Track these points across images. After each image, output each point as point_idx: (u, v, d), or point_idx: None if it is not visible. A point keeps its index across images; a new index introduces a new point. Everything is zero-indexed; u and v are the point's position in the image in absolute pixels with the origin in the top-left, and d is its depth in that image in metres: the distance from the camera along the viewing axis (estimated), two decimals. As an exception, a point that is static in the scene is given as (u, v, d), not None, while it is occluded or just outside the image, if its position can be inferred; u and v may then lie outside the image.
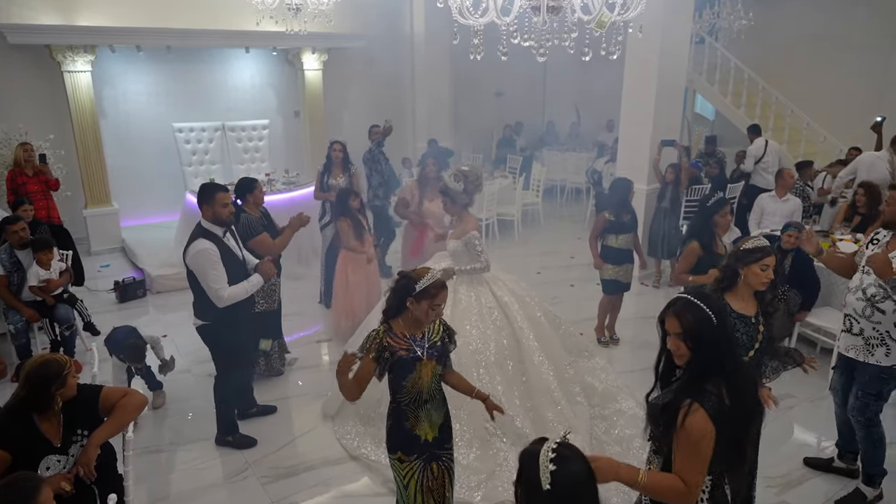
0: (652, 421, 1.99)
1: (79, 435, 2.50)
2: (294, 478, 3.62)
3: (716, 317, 1.91)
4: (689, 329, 1.91)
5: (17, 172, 6.15)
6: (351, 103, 9.71)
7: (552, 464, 1.51)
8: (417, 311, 2.42)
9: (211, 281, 3.40)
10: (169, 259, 6.89)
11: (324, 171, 5.93)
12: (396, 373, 2.46)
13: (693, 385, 1.89)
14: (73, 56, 6.98)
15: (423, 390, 2.48)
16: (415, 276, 2.44)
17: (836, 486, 3.58)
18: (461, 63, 9.31)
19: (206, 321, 3.60)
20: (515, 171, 9.78)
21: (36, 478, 2.02)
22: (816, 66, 9.79)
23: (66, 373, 2.41)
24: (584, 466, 1.58)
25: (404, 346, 2.45)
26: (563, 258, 7.72)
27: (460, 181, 4.02)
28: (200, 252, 3.40)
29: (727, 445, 1.86)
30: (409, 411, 2.50)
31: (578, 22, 2.89)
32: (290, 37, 7.17)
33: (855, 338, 3.24)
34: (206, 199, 3.50)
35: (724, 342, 1.92)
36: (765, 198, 6.15)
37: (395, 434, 2.55)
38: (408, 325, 2.49)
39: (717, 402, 1.84)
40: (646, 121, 6.52)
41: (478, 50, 2.96)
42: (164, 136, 7.98)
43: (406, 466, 2.55)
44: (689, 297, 1.97)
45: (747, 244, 2.67)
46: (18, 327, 4.60)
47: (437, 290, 2.41)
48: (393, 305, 2.50)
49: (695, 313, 1.92)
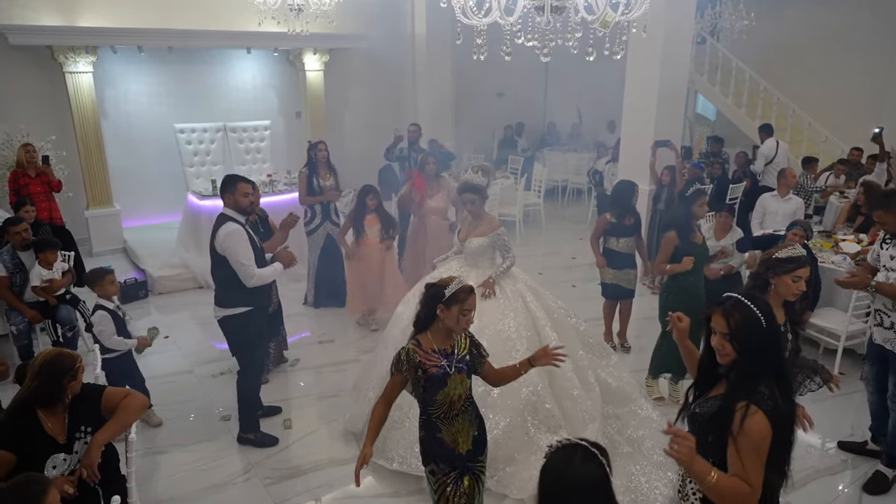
0: (699, 432, 1.95)
1: (82, 432, 2.50)
2: (297, 479, 3.62)
3: (764, 318, 1.89)
4: (736, 329, 1.90)
5: (19, 173, 6.15)
6: (352, 104, 9.71)
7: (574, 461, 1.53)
8: (448, 319, 2.41)
9: (243, 258, 3.53)
10: (170, 260, 6.90)
11: (310, 173, 5.80)
12: (428, 388, 2.44)
13: (744, 387, 1.87)
14: (74, 57, 6.98)
15: (454, 403, 2.46)
16: (441, 283, 2.43)
17: (838, 488, 3.59)
18: (463, 63, 9.33)
19: (234, 308, 3.65)
20: (517, 171, 9.79)
21: (43, 479, 2.02)
22: (818, 67, 9.78)
23: (78, 367, 2.47)
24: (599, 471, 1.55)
25: (435, 362, 2.43)
26: (564, 259, 7.71)
27: (485, 175, 4.08)
28: (232, 232, 3.53)
29: (780, 446, 1.86)
30: (442, 424, 2.49)
31: (582, 22, 2.88)
32: (291, 37, 7.17)
33: (886, 331, 3.37)
34: (227, 187, 3.64)
35: (772, 344, 1.90)
36: (767, 197, 6.14)
37: (428, 446, 2.54)
38: (437, 338, 2.47)
39: (773, 403, 1.83)
40: (647, 121, 6.52)
41: (481, 50, 2.96)
42: (166, 136, 7.98)
43: (438, 479, 2.53)
44: (739, 297, 1.94)
45: (781, 253, 2.58)
46: (21, 328, 4.59)
47: (465, 294, 2.40)
48: (423, 316, 2.49)
49: (743, 313, 1.90)
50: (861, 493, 3.55)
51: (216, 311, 3.74)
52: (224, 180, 3.72)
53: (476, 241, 3.98)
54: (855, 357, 4.89)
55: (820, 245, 5.42)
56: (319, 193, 5.77)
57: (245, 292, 3.63)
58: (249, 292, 3.64)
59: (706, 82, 10.28)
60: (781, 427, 1.85)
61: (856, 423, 4.15)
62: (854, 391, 4.54)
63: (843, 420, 4.20)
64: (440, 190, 5.72)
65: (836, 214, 6.70)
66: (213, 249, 3.61)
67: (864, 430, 3.98)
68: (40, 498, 1.84)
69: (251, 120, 8.59)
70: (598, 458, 1.55)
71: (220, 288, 3.70)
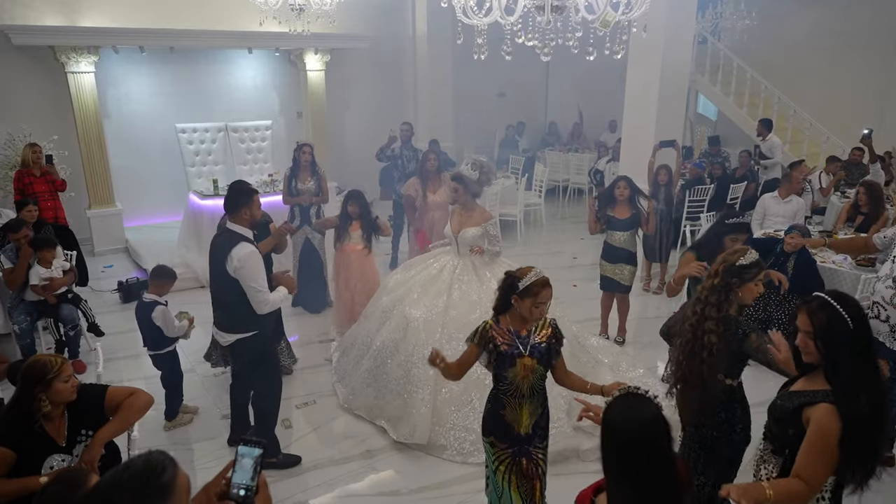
0: (778, 424, 1.98)
1: (83, 435, 2.49)
2: (298, 477, 3.62)
3: (853, 321, 1.87)
4: (820, 330, 1.89)
5: (24, 172, 6.16)
6: (353, 104, 9.72)
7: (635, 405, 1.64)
8: (522, 309, 2.53)
9: (259, 285, 3.29)
10: (171, 260, 6.89)
11: (291, 175, 5.82)
12: (498, 364, 2.59)
13: (838, 391, 1.86)
14: (76, 57, 6.99)
15: (522, 385, 2.57)
16: (518, 274, 2.55)
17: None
18: (463, 63, 9.32)
19: (246, 332, 3.43)
20: (518, 171, 9.78)
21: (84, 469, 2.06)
22: (819, 66, 9.78)
23: (52, 377, 2.35)
24: (655, 407, 1.66)
25: (507, 341, 2.56)
26: (565, 259, 7.71)
27: (476, 170, 4.14)
28: (250, 255, 3.26)
29: (862, 449, 1.86)
30: (507, 401, 2.61)
31: (582, 21, 2.89)
32: (292, 37, 7.19)
33: (882, 324, 3.35)
34: (243, 200, 3.34)
35: (858, 347, 1.88)
36: (767, 198, 6.14)
37: (490, 419, 2.68)
38: (514, 322, 2.60)
39: (853, 405, 1.82)
40: (648, 121, 6.52)
41: (481, 50, 2.97)
42: (167, 136, 8.00)
43: (496, 451, 2.67)
44: (826, 298, 1.92)
45: (743, 259, 2.51)
46: (23, 327, 4.60)
47: (539, 287, 2.50)
48: (500, 302, 2.62)
49: (829, 314, 1.88)
50: (860, 492, 3.54)
51: (223, 336, 3.51)
52: (237, 192, 3.38)
53: (470, 231, 4.12)
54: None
55: (821, 245, 5.41)
56: (297, 195, 5.78)
57: (254, 315, 3.40)
58: (259, 315, 3.42)
59: (707, 82, 10.28)
60: (866, 429, 1.84)
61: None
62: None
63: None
64: (442, 185, 5.83)
65: (837, 214, 6.69)
66: (221, 271, 3.31)
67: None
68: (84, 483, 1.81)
69: (252, 120, 8.60)
70: (650, 398, 1.68)
71: (229, 311, 3.44)
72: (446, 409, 3.80)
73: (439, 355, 2.58)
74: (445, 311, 3.97)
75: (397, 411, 3.96)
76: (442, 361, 2.57)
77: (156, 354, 4.04)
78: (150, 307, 3.93)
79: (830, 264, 4.99)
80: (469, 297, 4.02)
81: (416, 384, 3.86)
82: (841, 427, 1.80)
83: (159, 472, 1.41)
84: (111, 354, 5.12)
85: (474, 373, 3.71)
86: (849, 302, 1.92)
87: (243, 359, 3.60)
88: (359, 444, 3.90)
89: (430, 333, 3.91)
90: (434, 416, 3.80)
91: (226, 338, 3.50)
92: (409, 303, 4.12)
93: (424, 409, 3.78)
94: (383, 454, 3.80)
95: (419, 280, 4.25)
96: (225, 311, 3.48)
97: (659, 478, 1.57)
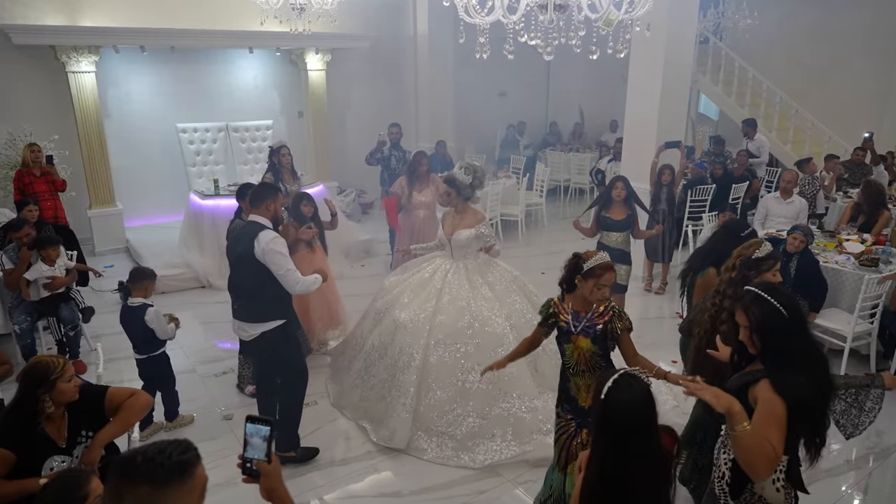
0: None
1: (83, 436, 2.48)
2: (299, 478, 3.61)
3: (786, 310, 1.94)
4: (756, 323, 1.96)
5: (24, 172, 6.16)
6: (354, 103, 9.71)
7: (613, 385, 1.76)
8: (584, 289, 2.69)
9: (289, 263, 3.36)
10: (172, 260, 6.90)
11: (276, 179, 5.82)
12: (558, 338, 2.81)
13: (774, 374, 1.92)
14: (77, 56, 6.98)
15: (580, 361, 2.74)
16: (584, 256, 2.73)
17: (841, 489, 3.58)
18: (465, 62, 9.31)
19: (271, 322, 3.44)
20: (519, 171, 9.77)
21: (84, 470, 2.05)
22: (821, 66, 9.76)
23: (55, 377, 2.36)
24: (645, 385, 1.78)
25: (565, 319, 2.77)
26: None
27: (470, 174, 4.13)
28: (274, 239, 3.33)
29: (807, 428, 1.93)
30: (570, 375, 2.79)
31: (585, 20, 2.87)
32: (293, 37, 7.18)
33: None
34: (266, 196, 3.48)
35: (795, 334, 1.94)
36: (769, 199, 6.12)
37: (561, 391, 2.88)
38: (577, 301, 2.76)
39: (793, 387, 1.87)
40: (650, 121, 6.49)
41: (484, 49, 2.95)
42: (168, 136, 7.99)
43: (561, 420, 2.85)
44: (757, 291, 2.00)
45: (758, 252, 2.69)
46: (24, 327, 4.59)
47: (602, 270, 2.65)
48: (566, 280, 2.80)
49: (762, 307, 1.95)
50: (864, 495, 3.53)
51: (245, 330, 3.47)
52: (262, 188, 3.58)
53: (464, 233, 4.12)
54: (860, 358, 4.87)
55: (823, 245, 5.40)
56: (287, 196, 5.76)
57: (280, 303, 3.43)
58: (284, 303, 3.45)
59: (709, 82, 10.26)
60: (810, 410, 1.89)
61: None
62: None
63: (847, 421, 4.18)
64: (429, 185, 6.03)
65: (840, 214, 6.68)
66: (248, 257, 3.33)
67: (869, 431, 3.94)
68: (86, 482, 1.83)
69: (253, 120, 8.59)
70: (640, 378, 1.80)
71: (252, 301, 3.43)
72: (430, 415, 3.80)
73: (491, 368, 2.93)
74: (433, 316, 3.94)
75: (379, 414, 3.96)
76: (498, 366, 2.92)
77: (148, 357, 3.91)
78: (140, 310, 3.81)
79: (833, 264, 4.96)
80: (458, 302, 3.98)
81: (399, 389, 3.85)
82: (785, 405, 1.86)
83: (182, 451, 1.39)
84: (112, 355, 5.11)
85: (458, 381, 3.78)
86: (780, 292, 1.98)
87: (269, 353, 3.56)
88: (360, 445, 3.89)
89: (416, 338, 3.89)
90: (417, 420, 3.80)
91: (250, 331, 3.46)
92: (400, 306, 4.11)
93: (405, 414, 3.77)
94: (384, 455, 3.79)
95: (411, 283, 4.24)
96: (249, 301, 3.45)
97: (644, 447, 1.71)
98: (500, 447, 3.68)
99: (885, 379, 2.87)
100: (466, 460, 3.64)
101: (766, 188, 8.30)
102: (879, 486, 3.65)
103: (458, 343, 3.85)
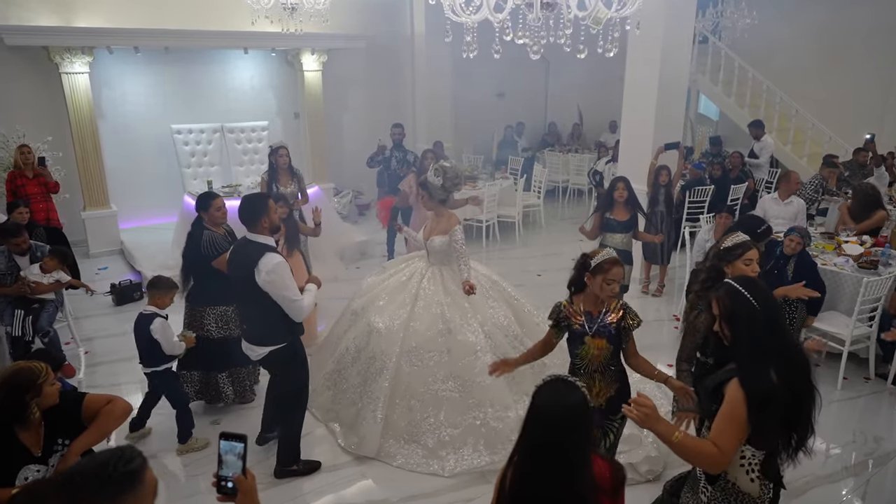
0: (706, 400, 2.11)
1: (60, 444, 2.43)
2: (289, 484, 3.56)
3: (758, 302, 1.96)
4: (727, 313, 2.02)
5: (16, 174, 6.12)
6: (351, 104, 9.66)
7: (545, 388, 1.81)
8: (594, 286, 2.70)
9: (293, 293, 3.20)
10: (166, 262, 6.83)
11: (270, 179, 5.68)
12: (570, 341, 2.83)
13: (749, 370, 1.94)
14: (70, 57, 6.94)
15: (592, 362, 2.75)
16: (591, 254, 2.77)
17: (841, 493, 3.51)
18: (462, 63, 9.24)
19: (282, 343, 3.34)
20: (517, 172, 9.70)
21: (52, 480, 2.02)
22: (821, 66, 9.69)
23: (42, 381, 2.33)
24: (580, 393, 1.80)
25: (578, 321, 2.76)
26: (564, 260, 7.62)
27: (439, 176, 4.02)
28: (278, 265, 3.15)
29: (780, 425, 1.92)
30: (580, 376, 2.74)
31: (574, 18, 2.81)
32: (288, 37, 7.13)
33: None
34: (261, 210, 3.23)
35: (766, 327, 1.95)
36: (767, 200, 6.05)
37: None
38: (587, 302, 2.78)
39: (756, 379, 1.89)
40: (648, 121, 6.42)
41: (471, 48, 2.89)
42: (163, 137, 7.94)
43: None
44: (731, 283, 2.07)
45: (727, 242, 2.82)
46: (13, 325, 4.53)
47: (609, 265, 2.67)
48: (575, 280, 2.81)
49: (734, 298, 2.01)
50: (863, 501, 3.47)
51: (254, 350, 3.36)
52: (251, 203, 3.25)
53: (437, 239, 4.04)
54: (859, 361, 4.81)
55: (822, 247, 5.33)
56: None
57: (287, 322, 3.29)
58: (290, 321, 3.30)
59: (708, 82, 10.19)
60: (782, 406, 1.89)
61: (857, 428, 4.07)
62: (857, 396, 4.47)
63: (846, 425, 4.12)
64: None
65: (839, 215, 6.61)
66: (250, 285, 3.16)
67: (866, 435, 3.90)
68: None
69: (249, 120, 8.54)
70: (577, 385, 1.84)
71: (260, 325, 3.31)
72: (401, 423, 3.75)
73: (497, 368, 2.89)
74: (407, 323, 3.88)
75: (350, 419, 3.91)
76: (507, 367, 2.90)
77: (153, 372, 3.75)
78: (148, 320, 3.66)
79: (832, 266, 4.90)
80: (431, 309, 3.90)
81: (370, 396, 3.80)
82: (745, 399, 1.88)
83: (126, 461, 1.41)
84: (103, 358, 5.07)
85: (430, 389, 3.75)
86: (756, 286, 2.04)
87: (277, 371, 3.52)
88: (349, 452, 3.83)
89: (389, 345, 3.83)
90: (387, 427, 3.74)
91: (257, 351, 3.37)
92: (375, 309, 4.04)
93: (375, 423, 3.72)
94: (373, 462, 3.73)
95: (388, 286, 4.18)
96: (255, 325, 3.35)
97: (570, 459, 1.72)
98: (471, 456, 3.63)
99: (808, 344, 3.03)
100: (436, 468, 3.60)
101: (765, 189, 8.24)
102: (878, 492, 3.58)
103: (431, 351, 3.79)
